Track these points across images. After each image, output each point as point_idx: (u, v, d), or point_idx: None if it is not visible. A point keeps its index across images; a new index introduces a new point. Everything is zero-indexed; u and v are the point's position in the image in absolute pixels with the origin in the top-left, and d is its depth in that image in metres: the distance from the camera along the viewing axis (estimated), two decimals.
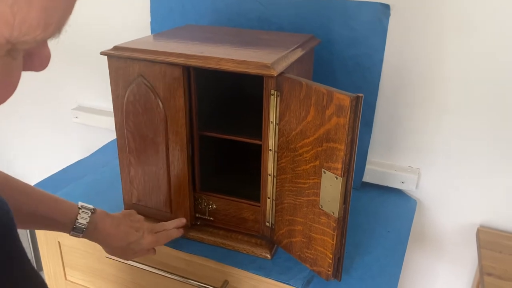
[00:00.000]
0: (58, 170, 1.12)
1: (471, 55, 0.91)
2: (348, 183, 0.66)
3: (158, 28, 1.12)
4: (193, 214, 0.85)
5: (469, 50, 0.91)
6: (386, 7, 0.92)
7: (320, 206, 0.70)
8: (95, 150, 1.27)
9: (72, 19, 0.29)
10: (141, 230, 0.76)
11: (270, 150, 0.75)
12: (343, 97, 0.61)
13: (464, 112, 0.96)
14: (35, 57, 0.31)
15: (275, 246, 0.82)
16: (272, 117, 0.72)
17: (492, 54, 0.90)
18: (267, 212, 0.80)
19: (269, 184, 0.77)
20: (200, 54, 0.71)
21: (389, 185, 1.07)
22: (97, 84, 1.33)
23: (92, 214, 0.71)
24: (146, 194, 0.85)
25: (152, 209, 0.86)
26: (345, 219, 0.69)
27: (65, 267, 0.99)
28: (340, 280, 0.75)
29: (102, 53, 0.75)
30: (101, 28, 1.23)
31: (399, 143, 1.05)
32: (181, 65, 0.72)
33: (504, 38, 0.88)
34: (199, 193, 0.84)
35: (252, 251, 0.81)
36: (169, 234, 0.80)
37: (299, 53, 0.78)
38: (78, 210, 0.70)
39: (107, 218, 0.73)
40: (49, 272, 1.02)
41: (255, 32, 0.93)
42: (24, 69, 0.31)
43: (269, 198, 0.79)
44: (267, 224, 0.81)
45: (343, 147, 0.64)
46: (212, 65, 0.70)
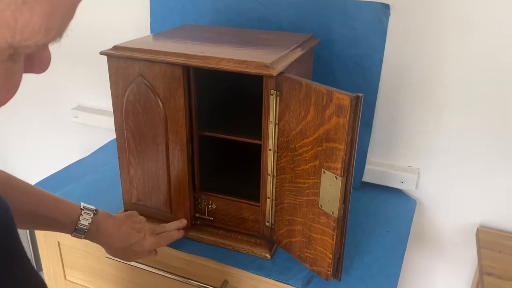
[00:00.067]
0: (58, 169, 1.12)
1: (471, 54, 0.91)
2: (347, 183, 0.66)
3: (157, 28, 1.12)
4: (192, 214, 0.85)
5: (469, 49, 0.91)
6: (386, 7, 0.92)
7: (319, 206, 0.70)
8: (95, 149, 1.27)
9: (72, 20, 0.29)
10: (143, 232, 0.76)
11: (270, 150, 0.75)
12: (343, 97, 0.61)
13: (464, 111, 0.96)
14: (36, 60, 0.31)
15: (275, 246, 0.82)
16: (272, 117, 0.72)
17: (492, 54, 0.90)
18: (267, 212, 0.80)
19: (269, 184, 0.77)
20: (200, 54, 0.71)
21: (388, 185, 1.07)
22: (97, 84, 1.33)
23: (94, 215, 0.71)
24: (145, 194, 0.85)
25: (152, 208, 0.86)
26: (345, 219, 0.69)
27: (65, 267, 0.99)
28: (340, 280, 0.75)
29: (101, 53, 0.75)
30: (101, 28, 1.23)
31: (398, 143, 1.05)
32: (181, 65, 0.72)
33: (504, 38, 0.88)
34: (198, 193, 0.84)
35: (252, 251, 0.81)
36: (170, 235, 0.80)
37: (298, 53, 0.78)
38: (80, 211, 0.70)
39: (109, 219, 0.73)
40: (49, 272, 1.02)
41: (255, 31, 0.93)
42: (25, 72, 0.31)
43: (268, 198, 0.79)
44: (267, 224, 0.81)
45: (342, 147, 0.64)
46: (212, 65, 0.70)
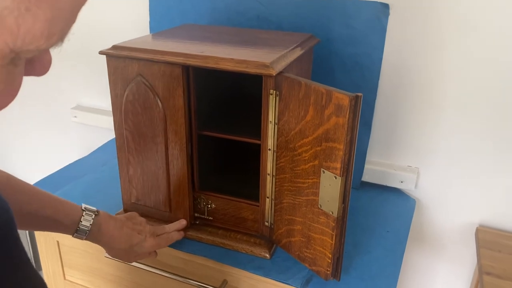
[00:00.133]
0: (57, 169, 1.12)
1: (470, 54, 0.91)
2: (347, 182, 0.66)
3: (157, 27, 1.12)
4: (192, 214, 0.85)
5: (468, 49, 0.91)
6: (385, 6, 0.91)
7: (319, 206, 0.70)
8: (94, 149, 1.27)
9: (74, 24, 0.29)
10: (144, 233, 0.76)
11: (269, 149, 0.75)
12: (342, 97, 0.61)
13: (463, 111, 0.96)
14: (37, 63, 0.31)
15: (274, 245, 0.82)
16: (271, 116, 0.72)
17: (492, 54, 0.90)
18: (266, 211, 0.80)
19: (268, 184, 0.77)
20: (199, 54, 0.71)
21: (388, 185, 1.07)
22: (96, 83, 1.33)
23: (96, 216, 0.71)
24: (145, 194, 0.85)
25: (151, 208, 0.86)
26: (344, 218, 0.69)
27: (64, 267, 0.99)
28: (339, 280, 0.75)
29: (100, 53, 0.75)
30: (100, 28, 1.22)
31: (398, 143, 1.05)
32: (180, 65, 0.72)
33: (504, 37, 0.88)
34: (198, 192, 0.84)
35: (251, 251, 0.81)
36: (170, 237, 0.80)
37: (298, 52, 0.78)
38: (81, 212, 0.70)
39: (110, 221, 0.73)
40: (48, 271, 1.02)
41: (254, 31, 0.93)
42: (26, 75, 0.31)
43: (268, 197, 0.78)
44: (266, 223, 0.81)
45: (342, 147, 0.63)
46: (211, 64, 0.70)
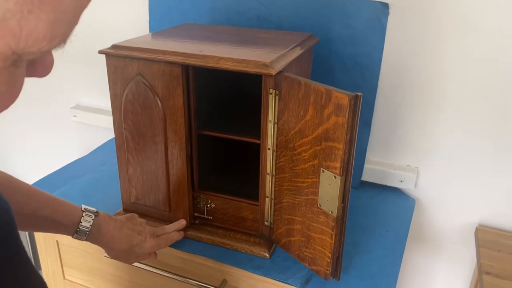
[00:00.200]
0: (57, 169, 1.12)
1: (470, 54, 0.91)
2: (346, 182, 0.66)
3: (156, 26, 1.12)
4: (191, 213, 0.85)
5: (468, 49, 0.91)
6: (385, 6, 0.91)
7: (318, 205, 0.70)
8: (93, 149, 1.27)
9: (76, 26, 0.29)
10: (144, 234, 0.76)
11: (269, 149, 0.75)
12: (342, 96, 0.61)
13: (462, 110, 0.96)
14: (39, 64, 0.31)
15: (274, 245, 0.82)
16: (271, 116, 0.72)
17: (492, 54, 0.90)
18: (266, 211, 0.80)
19: (268, 183, 0.77)
20: (199, 53, 0.71)
21: (387, 184, 1.07)
22: (96, 83, 1.33)
23: (96, 217, 0.71)
24: (144, 193, 0.85)
25: (151, 208, 0.86)
26: (344, 218, 0.69)
27: (64, 266, 0.99)
28: (339, 279, 0.75)
29: (100, 52, 0.75)
30: (100, 27, 1.22)
31: (397, 142, 1.05)
32: (180, 64, 0.72)
33: (504, 37, 0.88)
34: (197, 192, 0.84)
35: (251, 250, 0.81)
36: (170, 237, 0.80)
37: (297, 52, 0.78)
38: (81, 213, 0.70)
39: (110, 221, 0.73)
40: (48, 271, 1.01)
41: (254, 30, 0.93)
42: (28, 76, 0.31)
43: (267, 197, 0.78)
44: (266, 223, 0.81)
45: (341, 146, 0.63)
46: (211, 64, 0.69)
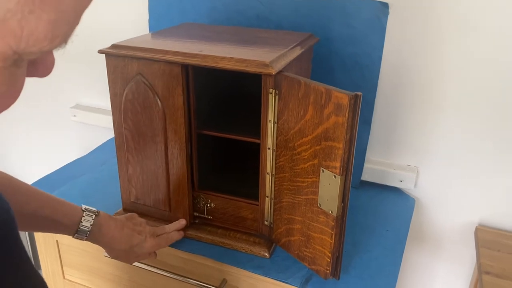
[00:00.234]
0: (56, 168, 1.12)
1: (470, 54, 0.91)
2: (346, 181, 0.66)
3: (156, 26, 1.12)
4: (191, 213, 0.85)
5: (468, 49, 0.91)
6: (384, 6, 0.91)
7: (318, 205, 0.70)
8: (93, 148, 1.27)
9: (77, 26, 0.29)
10: (144, 234, 0.76)
11: (269, 148, 0.75)
12: (342, 96, 0.61)
13: (462, 110, 0.96)
14: (40, 64, 0.31)
15: (274, 244, 0.82)
16: (271, 115, 0.72)
17: (492, 54, 0.90)
18: (266, 210, 0.80)
19: (268, 183, 0.77)
20: (199, 53, 0.71)
21: (387, 184, 1.07)
22: (95, 82, 1.33)
23: (96, 217, 0.71)
24: (144, 193, 0.85)
25: (151, 207, 0.86)
26: (344, 217, 0.69)
27: (63, 266, 0.99)
28: (339, 279, 0.75)
29: (100, 52, 0.75)
30: (99, 26, 1.22)
31: (397, 142, 1.05)
32: (180, 64, 0.71)
33: (504, 37, 0.88)
34: (197, 191, 0.84)
35: (251, 250, 0.81)
36: (170, 237, 0.80)
37: (297, 52, 0.78)
38: (81, 213, 0.70)
39: (110, 221, 0.73)
40: (47, 270, 1.01)
41: (254, 30, 0.93)
42: (28, 76, 0.31)
43: (267, 196, 0.78)
44: (266, 222, 0.81)
45: (341, 146, 0.63)
46: (211, 63, 0.69)
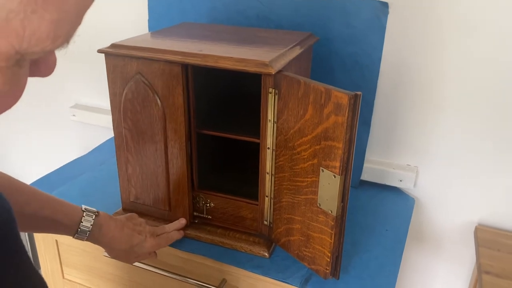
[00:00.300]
0: (55, 168, 1.12)
1: (470, 54, 0.91)
2: (346, 181, 0.66)
3: (156, 25, 1.12)
4: (191, 213, 0.85)
5: (468, 48, 0.91)
6: (384, 5, 0.91)
7: (318, 205, 0.70)
8: (93, 148, 1.27)
9: (79, 26, 0.29)
10: (144, 233, 0.76)
11: (268, 148, 0.75)
12: (341, 95, 0.61)
13: (462, 110, 0.96)
14: (42, 64, 0.31)
15: (273, 244, 0.82)
16: (270, 115, 0.72)
17: (492, 54, 0.90)
18: (265, 210, 0.80)
19: (267, 183, 0.77)
20: (198, 52, 0.71)
21: (387, 183, 1.07)
22: (95, 82, 1.33)
23: (96, 217, 0.71)
24: (144, 192, 0.85)
25: (150, 207, 0.86)
26: (343, 217, 0.69)
27: (63, 266, 0.99)
28: (338, 279, 0.75)
29: (99, 51, 0.75)
30: (99, 26, 1.22)
31: (397, 142, 1.05)
32: (180, 63, 0.71)
33: (504, 37, 0.88)
34: (197, 191, 0.84)
35: (250, 250, 0.81)
36: (170, 236, 0.80)
37: (297, 51, 0.78)
38: (82, 213, 0.70)
39: (111, 221, 0.73)
40: (47, 270, 1.01)
41: (253, 30, 0.93)
42: (31, 75, 0.31)
43: (267, 196, 0.78)
44: (265, 222, 0.81)
45: (341, 146, 0.63)
46: (210, 63, 0.69)
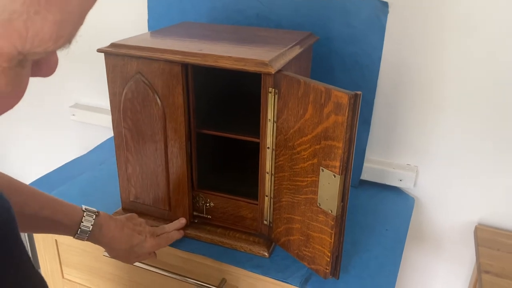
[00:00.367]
0: (55, 168, 1.12)
1: (470, 53, 0.91)
2: (346, 181, 0.66)
3: (155, 25, 1.12)
4: (191, 212, 0.85)
5: (468, 48, 0.91)
6: (384, 5, 0.91)
7: (318, 204, 0.70)
8: (92, 147, 1.27)
9: (81, 27, 0.29)
10: (144, 233, 0.76)
11: (268, 148, 0.75)
12: (341, 95, 0.61)
13: (462, 110, 0.96)
14: (43, 64, 0.31)
15: (273, 244, 0.82)
16: (270, 115, 0.72)
17: (492, 53, 0.90)
18: (265, 210, 0.80)
19: (267, 182, 0.77)
20: (198, 52, 0.71)
21: (387, 183, 1.07)
22: (95, 81, 1.32)
23: (96, 217, 0.71)
24: (143, 192, 0.85)
25: (150, 206, 0.86)
26: (343, 217, 0.69)
27: (62, 265, 0.99)
28: (338, 278, 0.75)
29: (99, 51, 0.75)
30: (98, 25, 1.22)
31: (397, 141, 1.05)
32: (179, 63, 0.71)
33: (504, 37, 0.88)
34: (197, 191, 0.84)
35: (250, 249, 0.81)
36: (170, 236, 0.80)
37: (297, 51, 0.78)
38: (82, 213, 0.70)
39: (111, 221, 0.73)
40: (46, 270, 1.01)
41: (253, 29, 0.93)
42: (32, 75, 0.31)
43: (267, 196, 0.78)
44: (265, 222, 0.81)
45: (341, 145, 0.63)
46: (210, 62, 0.69)
